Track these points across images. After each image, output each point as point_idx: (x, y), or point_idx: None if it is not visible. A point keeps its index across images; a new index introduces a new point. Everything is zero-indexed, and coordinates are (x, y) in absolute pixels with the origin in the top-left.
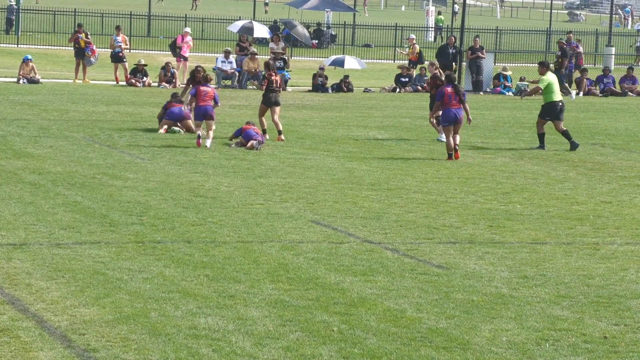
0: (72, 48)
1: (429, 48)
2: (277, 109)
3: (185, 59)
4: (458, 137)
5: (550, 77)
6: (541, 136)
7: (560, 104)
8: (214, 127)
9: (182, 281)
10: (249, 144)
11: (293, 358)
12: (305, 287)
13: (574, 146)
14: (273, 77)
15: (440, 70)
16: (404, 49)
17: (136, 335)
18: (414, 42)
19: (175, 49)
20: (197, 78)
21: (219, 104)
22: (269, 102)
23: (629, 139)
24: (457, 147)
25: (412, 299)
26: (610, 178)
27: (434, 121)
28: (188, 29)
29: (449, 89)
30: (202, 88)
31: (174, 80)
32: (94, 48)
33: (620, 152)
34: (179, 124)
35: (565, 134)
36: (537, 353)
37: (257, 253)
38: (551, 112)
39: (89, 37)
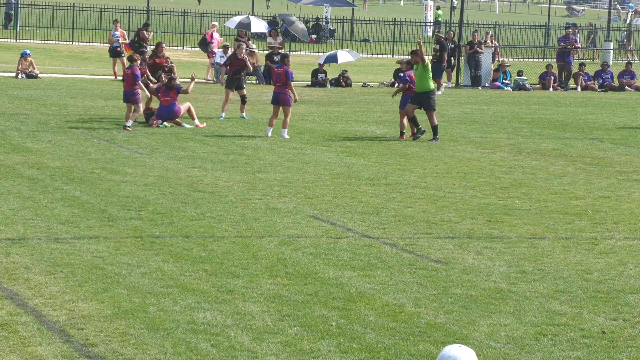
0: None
1: (427, 43)
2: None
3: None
4: (288, 119)
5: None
6: (435, 128)
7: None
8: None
9: (180, 276)
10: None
11: (291, 353)
12: (303, 282)
13: (417, 137)
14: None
15: None
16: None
17: (135, 330)
18: (490, 37)
19: (206, 45)
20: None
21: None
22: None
23: (627, 134)
24: (284, 126)
25: (410, 294)
26: (609, 173)
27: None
28: (215, 23)
29: (279, 70)
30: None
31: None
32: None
33: (619, 147)
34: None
35: (415, 120)
36: (536, 348)
37: (256, 248)
38: (433, 100)
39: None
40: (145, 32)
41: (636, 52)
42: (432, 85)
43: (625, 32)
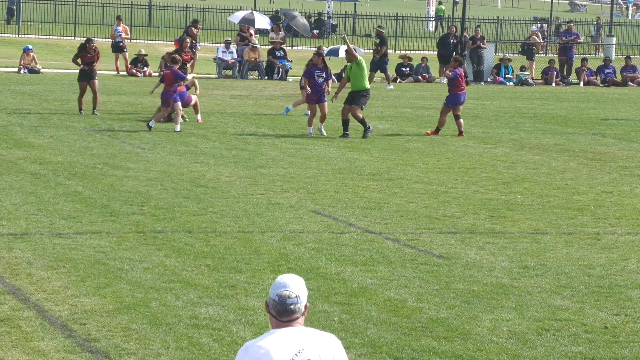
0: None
1: (429, 38)
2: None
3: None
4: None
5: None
6: (362, 122)
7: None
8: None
9: (182, 271)
10: None
11: None
12: (306, 277)
13: (365, 135)
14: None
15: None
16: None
17: (137, 325)
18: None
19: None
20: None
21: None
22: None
23: (630, 129)
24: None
25: (412, 289)
26: (611, 168)
27: None
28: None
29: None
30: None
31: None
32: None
33: (621, 142)
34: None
35: (363, 122)
36: (538, 343)
37: (258, 243)
38: (367, 98)
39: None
40: (194, 28)
41: (601, 47)
42: (367, 84)
43: (595, 26)
